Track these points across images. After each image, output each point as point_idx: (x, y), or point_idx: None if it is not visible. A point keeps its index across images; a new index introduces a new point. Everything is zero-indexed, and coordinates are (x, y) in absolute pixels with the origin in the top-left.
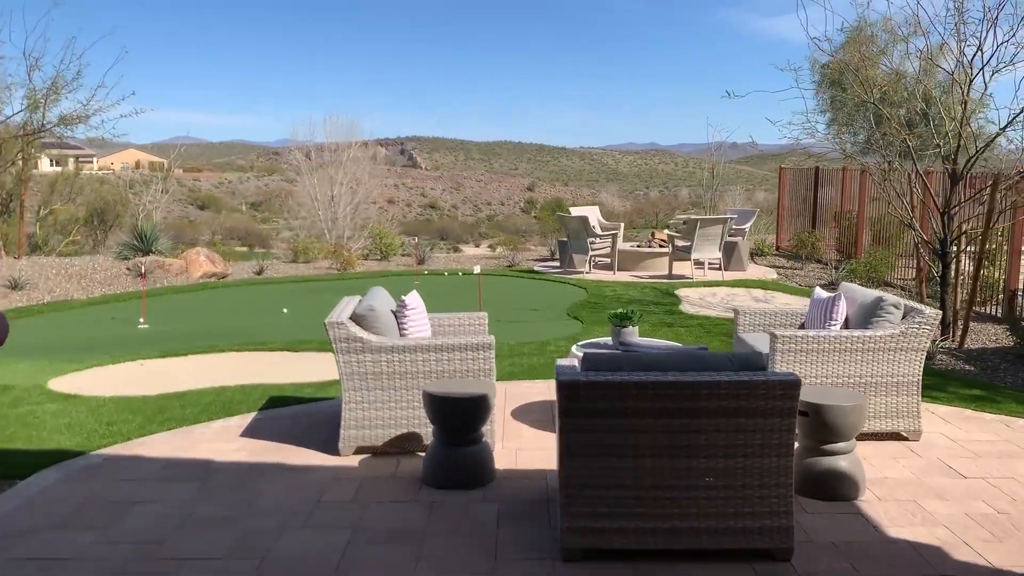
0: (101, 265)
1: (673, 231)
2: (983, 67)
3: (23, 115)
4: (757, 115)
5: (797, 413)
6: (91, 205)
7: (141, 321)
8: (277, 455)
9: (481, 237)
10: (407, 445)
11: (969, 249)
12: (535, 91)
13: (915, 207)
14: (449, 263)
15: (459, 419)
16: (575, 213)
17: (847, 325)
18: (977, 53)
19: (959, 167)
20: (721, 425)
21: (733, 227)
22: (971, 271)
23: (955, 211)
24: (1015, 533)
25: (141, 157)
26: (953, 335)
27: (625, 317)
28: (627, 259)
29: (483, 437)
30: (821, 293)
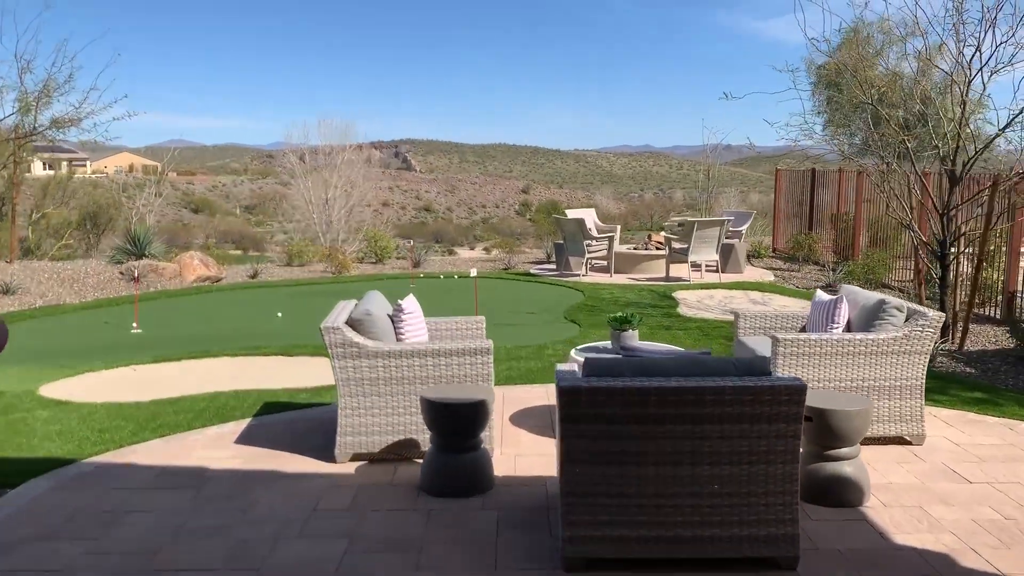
0: (94, 269)
1: (668, 233)
2: (982, 68)
3: (14, 118)
4: (754, 117)
5: (802, 419)
6: (84, 209)
7: (134, 325)
8: (272, 462)
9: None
10: (404, 452)
11: (967, 251)
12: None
13: (914, 208)
14: (445, 266)
15: (457, 426)
16: (571, 216)
17: (849, 328)
18: (976, 54)
19: (958, 168)
20: (725, 432)
21: (730, 229)
22: (970, 273)
23: (954, 212)
24: (1023, 540)
25: (135, 160)
26: (953, 337)
27: (625, 321)
28: (624, 261)
29: (481, 443)
30: (823, 296)
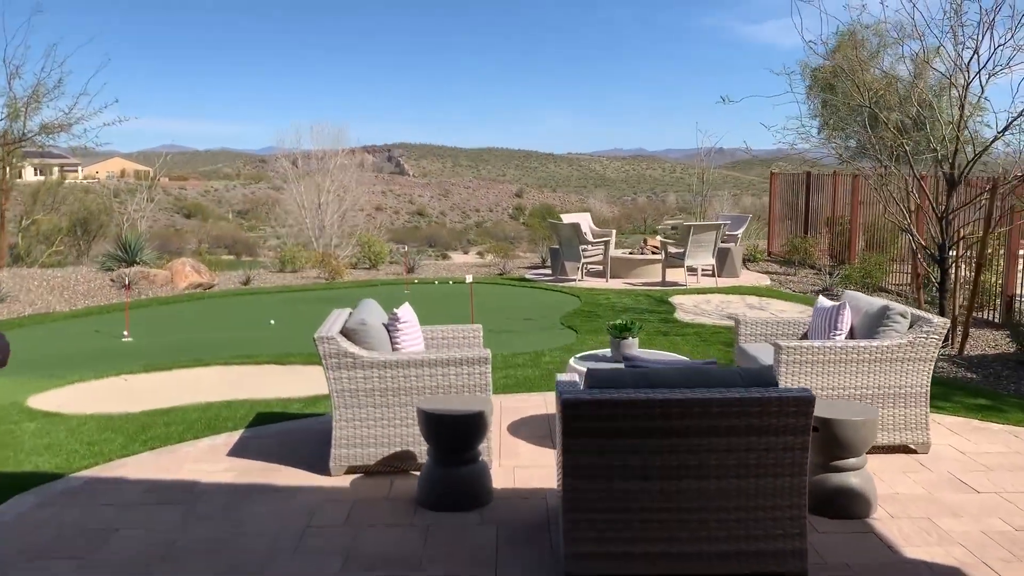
0: (84, 276)
1: (662, 236)
2: (980, 70)
3: (3, 124)
4: (749, 120)
5: (811, 430)
6: (74, 215)
7: (125, 334)
8: (265, 476)
9: (470, 244)
10: (401, 464)
11: (965, 254)
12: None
13: (912, 212)
14: (439, 271)
15: (455, 438)
16: (567, 220)
17: (852, 335)
18: (973, 56)
19: (956, 171)
20: (732, 444)
21: (726, 233)
22: (968, 276)
23: (953, 216)
24: None
25: (126, 166)
26: (953, 342)
27: (624, 328)
28: (620, 266)
29: (480, 455)
30: (825, 302)
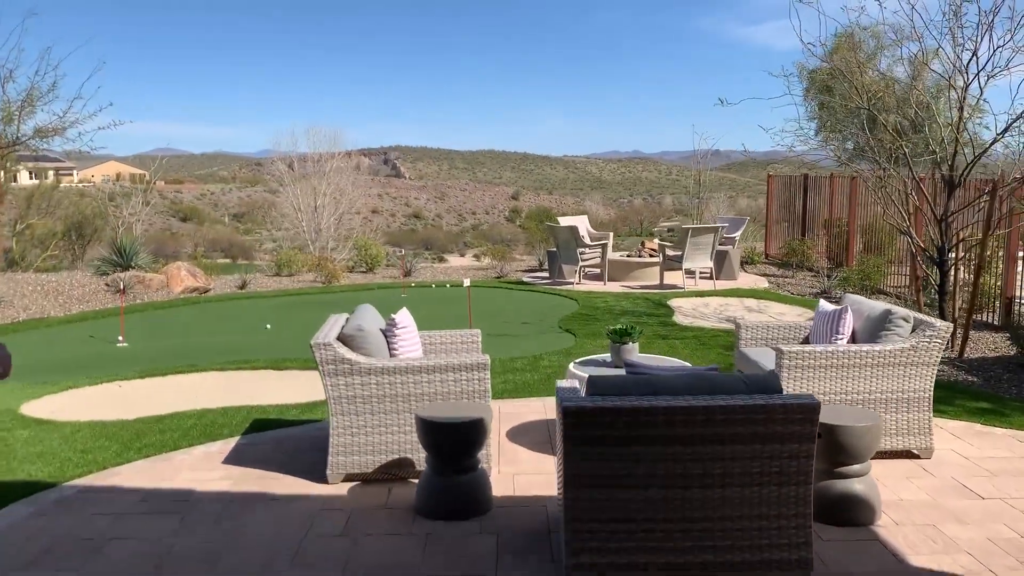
0: (79, 281)
1: (659, 238)
2: (979, 72)
3: None
4: (745, 123)
5: (816, 438)
6: (69, 219)
7: (120, 339)
8: (262, 484)
9: (466, 247)
10: (399, 471)
11: (964, 257)
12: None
13: (911, 214)
14: (436, 274)
15: (454, 446)
16: (564, 223)
17: (854, 339)
18: (972, 58)
19: (956, 173)
20: (737, 452)
21: (724, 236)
22: (967, 279)
23: (952, 218)
24: None
25: (122, 169)
26: (952, 344)
27: (625, 333)
28: (617, 269)
29: (479, 463)
30: (826, 306)
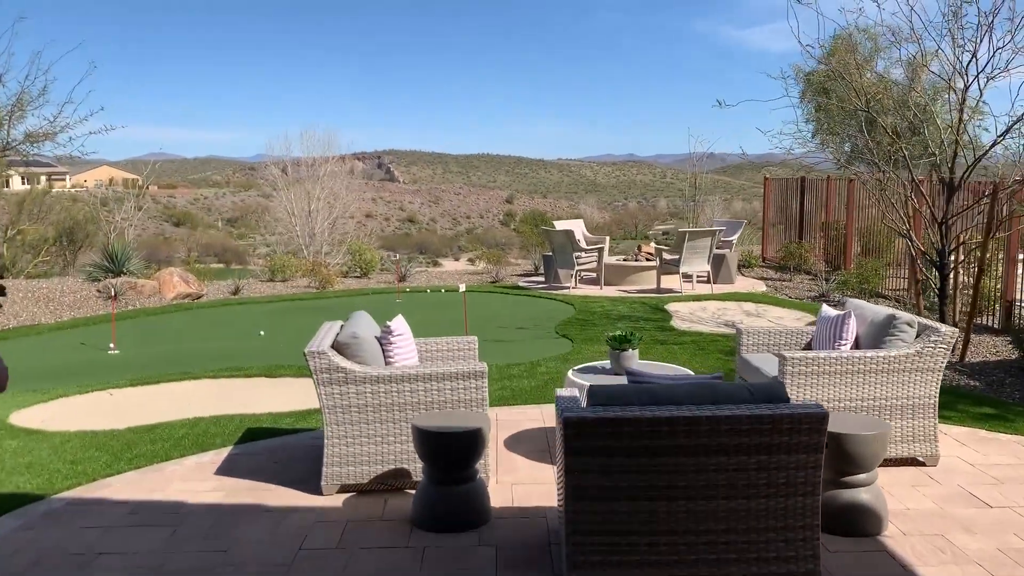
0: (70, 287)
1: (654, 241)
2: (979, 74)
3: None
4: (742, 125)
5: (824, 448)
6: (60, 224)
7: (111, 346)
8: (255, 495)
9: (460, 251)
10: (395, 482)
11: (964, 260)
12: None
13: (911, 217)
14: (431, 279)
15: (451, 456)
16: (560, 226)
17: (857, 344)
18: (972, 59)
19: (956, 176)
20: (742, 463)
21: (721, 239)
22: (967, 282)
23: (953, 221)
24: None
25: (115, 174)
26: (953, 348)
27: (624, 340)
28: (614, 273)
29: (477, 473)
30: (829, 311)
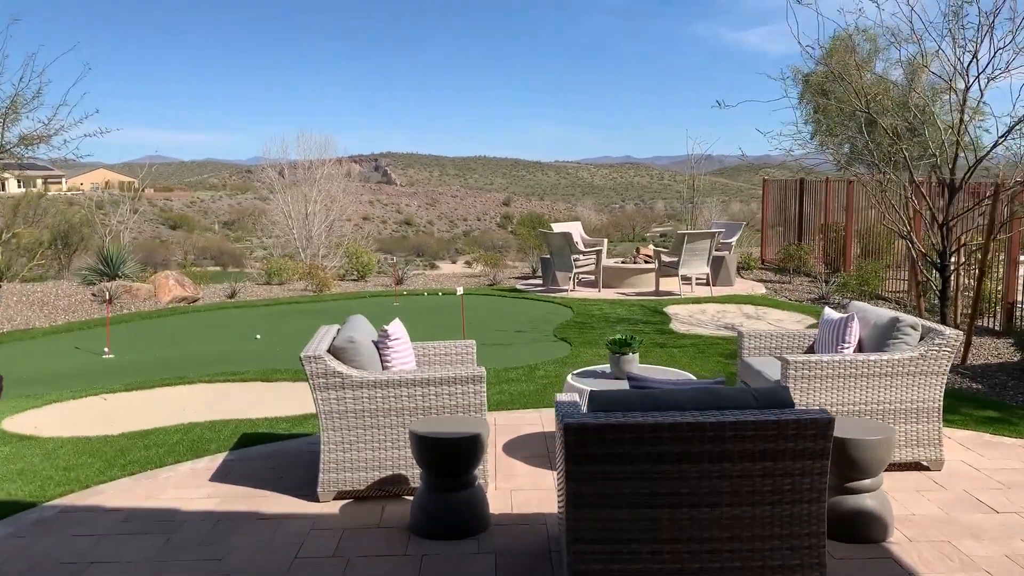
0: (65, 291)
1: (652, 243)
2: (979, 74)
3: None
4: (741, 127)
5: (830, 454)
6: (55, 228)
7: (106, 350)
8: (250, 502)
9: (458, 253)
10: (393, 488)
11: (966, 262)
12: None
13: (911, 218)
14: (428, 282)
15: (450, 463)
16: (557, 229)
17: (860, 348)
18: (973, 60)
19: (957, 177)
20: (747, 470)
21: (720, 241)
22: (968, 283)
23: (954, 223)
24: None
25: (111, 177)
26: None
27: (624, 344)
28: (612, 276)
29: (476, 480)
30: (832, 314)
